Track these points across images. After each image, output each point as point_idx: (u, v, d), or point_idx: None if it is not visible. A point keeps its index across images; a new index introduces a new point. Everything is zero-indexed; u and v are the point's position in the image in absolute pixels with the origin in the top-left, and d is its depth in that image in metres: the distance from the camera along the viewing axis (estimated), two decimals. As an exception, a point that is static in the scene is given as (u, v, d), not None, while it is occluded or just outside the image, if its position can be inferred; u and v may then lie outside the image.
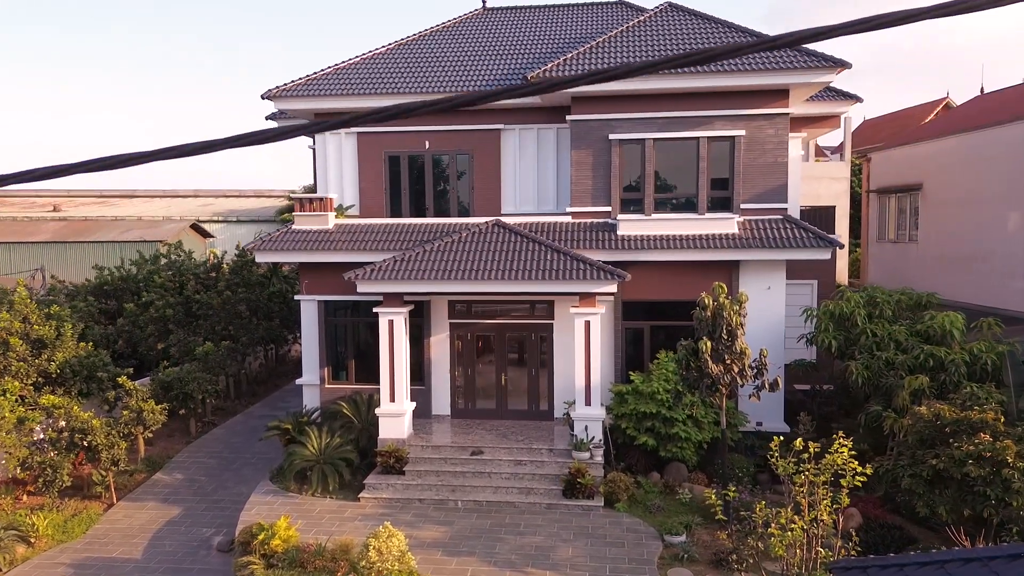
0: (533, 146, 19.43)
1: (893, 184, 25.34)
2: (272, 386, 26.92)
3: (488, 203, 19.51)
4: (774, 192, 17.88)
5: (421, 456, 16.92)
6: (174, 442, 20.87)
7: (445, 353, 19.16)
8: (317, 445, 17.00)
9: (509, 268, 16.49)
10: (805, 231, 17.28)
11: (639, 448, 16.81)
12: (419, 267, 16.79)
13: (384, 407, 17.25)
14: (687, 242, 17.40)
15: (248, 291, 24.70)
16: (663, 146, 18.09)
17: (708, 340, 13.32)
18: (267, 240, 18.71)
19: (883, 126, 40.05)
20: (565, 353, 18.46)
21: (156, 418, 17.54)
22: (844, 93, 21.20)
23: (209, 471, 18.80)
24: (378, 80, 19.48)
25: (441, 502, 15.85)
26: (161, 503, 17.08)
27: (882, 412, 14.40)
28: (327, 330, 19.50)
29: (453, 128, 19.49)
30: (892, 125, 38.29)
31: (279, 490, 16.86)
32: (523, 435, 17.70)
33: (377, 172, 19.91)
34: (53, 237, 40.39)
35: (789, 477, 10.09)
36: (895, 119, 39.48)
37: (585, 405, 16.72)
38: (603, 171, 18.34)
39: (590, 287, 16.31)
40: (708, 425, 16.57)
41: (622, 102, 18.03)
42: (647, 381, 16.72)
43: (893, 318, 16.12)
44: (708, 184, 18.00)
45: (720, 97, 17.72)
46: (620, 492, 15.51)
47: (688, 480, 16.48)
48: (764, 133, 17.75)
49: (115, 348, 24.65)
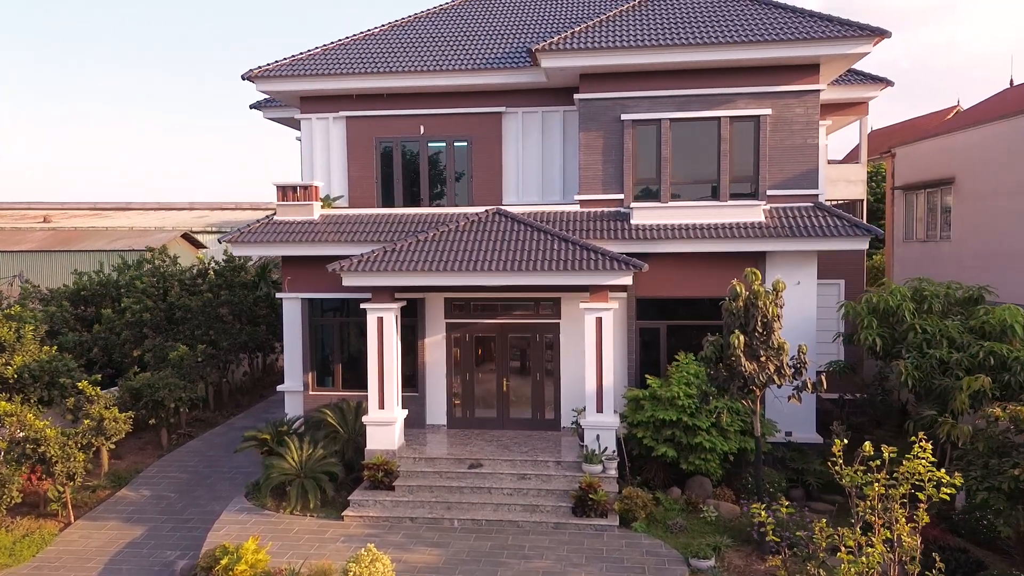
0: (537, 131, 17.82)
1: (921, 180, 23.70)
2: (257, 396, 25.14)
3: (488, 193, 17.87)
4: (803, 177, 16.23)
5: (413, 469, 15.15)
6: (146, 455, 19.10)
7: (441, 357, 17.43)
8: (297, 457, 15.25)
9: (512, 258, 14.81)
10: (839, 219, 15.61)
11: (657, 460, 15.04)
12: (412, 258, 15.11)
13: (372, 415, 15.49)
14: (708, 231, 15.72)
15: (231, 293, 22.98)
16: (681, 127, 16.46)
17: (741, 334, 11.59)
18: (245, 232, 17.05)
19: (892, 135, 38.54)
20: (573, 356, 16.74)
21: (119, 428, 15.78)
22: (871, 76, 19.65)
23: (180, 487, 17.01)
24: (371, 60, 17.91)
25: (435, 521, 14.07)
26: (124, 522, 15.30)
27: (937, 417, 12.63)
28: (312, 331, 17.78)
29: (450, 111, 17.91)
30: (901, 134, 36.76)
31: (254, 507, 15.07)
32: (527, 446, 15.94)
33: (368, 160, 18.29)
34: (39, 246, 39.01)
35: (857, 489, 8.33)
36: (904, 128, 37.96)
37: (596, 412, 14.96)
38: (615, 155, 16.70)
39: (602, 278, 14.60)
40: (734, 434, 14.80)
41: (635, 79, 16.44)
42: (666, 385, 14.99)
43: (943, 313, 14.40)
44: (731, 168, 16.36)
45: (743, 72, 16.12)
46: (637, 509, 13.73)
47: (713, 496, 14.70)
48: (792, 112, 16.13)
49: (90, 356, 23.03)
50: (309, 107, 18.49)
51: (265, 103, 20.96)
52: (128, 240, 38.69)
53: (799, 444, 16.03)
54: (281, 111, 20.65)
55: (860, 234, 15.26)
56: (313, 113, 18.47)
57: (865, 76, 19.71)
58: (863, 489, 8.29)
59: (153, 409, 18.22)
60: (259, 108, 21.11)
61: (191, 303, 22.02)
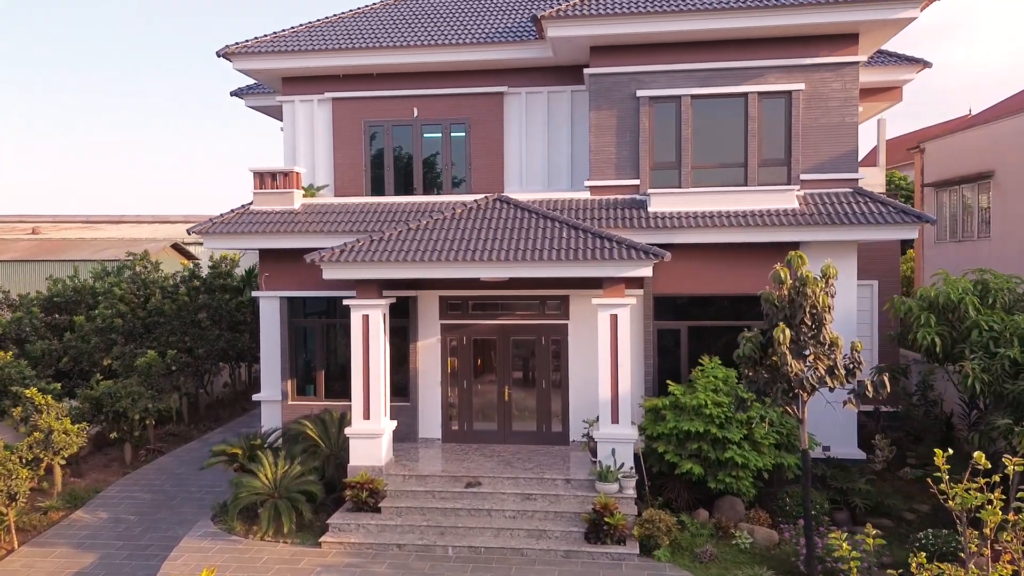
0: (542, 113, 16.13)
1: (955, 175, 22.00)
2: (239, 410, 23.26)
3: (488, 181, 16.15)
4: (841, 159, 14.51)
5: (403, 489, 13.29)
6: (110, 473, 17.23)
7: (435, 363, 15.63)
8: (271, 475, 13.41)
9: (515, 248, 13.04)
10: (884, 205, 13.86)
11: (680, 478, 13.20)
12: (402, 247, 13.35)
13: (356, 426, 13.67)
14: (735, 219, 13.96)
15: (210, 296, 21.20)
16: (703, 104, 14.77)
17: (786, 327, 9.79)
18: (217, 222, 15.31)
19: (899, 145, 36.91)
20: (583, 361, 14.95)
21: (70, 441, 13.96)
22: (907, 57, 17.96)
23: (142, 508, 15.14)
24: (359, 35, 16.27)
25: (427, 548, 12.20)
26: (74, 548, 13.42)
27: (1013, 427, 10.78)
28: (292, 334, 16.00)
29: (447, 92, 16.24)
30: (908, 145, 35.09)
31: (220, 532, 13.20)
32: (532, 462, 14.09)
33: (356, 146, 16.60)
34: (23, 256, 37.39)
35: (970, 513, 6.48)
36: (911, 139, 36.31)
37: (611, 423, 13.13)
38: (630, 136, 14.99)
39: (619, 269, 12.82)
40: (768, 448, 12.98)
41: (653, 51, 14.77)
42: (690, 392, 13.18)
43: (1008, 308, 12.60)
44: (759, 150, 14.64)
45: (774, 43, 14.44)
46: (660, 535, 11.87)
47: (746, 519, 12.83)
48: (828, 87, 14.43)
49: (59, 366, 21.28)
50: (292, 88, 16.83)
51: (247, 90, 19.33)
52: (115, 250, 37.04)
53: (839, 460, 14.19)
54: (265, 98, 18.99)
55: (908, 221, 13.51)
56: (296, 95, 16.81)
57: (899, 57, 18.02)
58: (979, 513, 6.44)
59: (114, 421, 16.38)
60: (240, 95, 19.47)
61: (164, 306, 20.25)
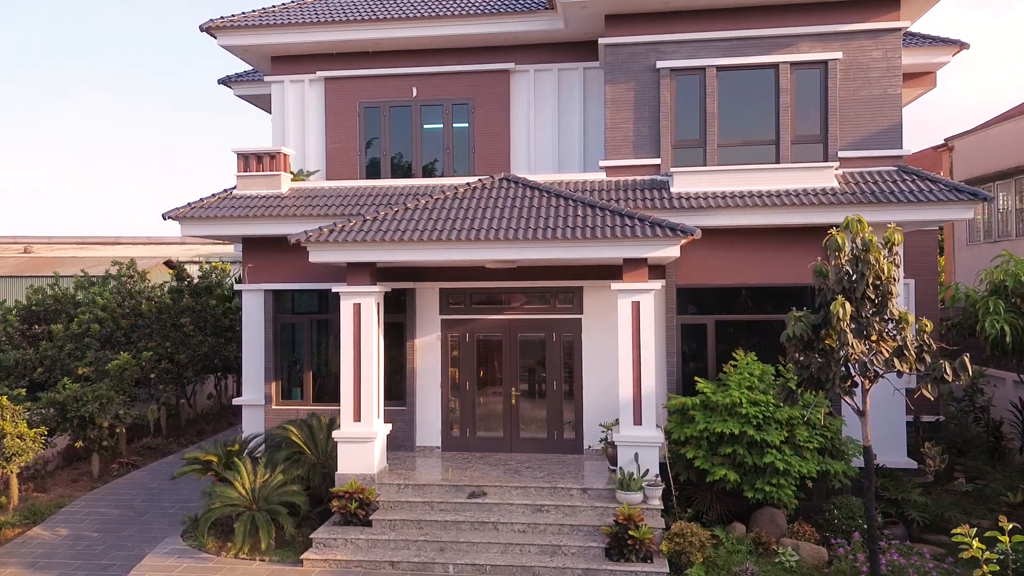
0: (552, 91, 14.85)
1: (989, 172, 20.75)
2: (225, 424, 21.68)
3: (493, 163, 14.82)
4: (884, 134, 13.17)
5: (397, 500, 11.75)
6: (78, 488, 15.65)
7: (435, 362, 14.16)
8: (249, 484, 11.89)
9: (525, 226, 11.63)
10: (933, 182, 12.50)
11: (711, 487, 11.69)
12: (399, 227, 11.93)
13: (346, 429, 12.15)
14: (767, 199, 12.57)
15: (194, 299, 19.76)
16: (730, 76, 13.46)
17: (846, 301, 8.34)
18: (196, 207, 13.94)
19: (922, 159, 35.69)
20: (599, 359, 13.49)
21: (25, 446, 12.47)
22: (941, 38, 16.70)
23: (107, 524, 13.55)
24: (354, 8, 15.05)
25: (424, 566, 10.63)
26: (25, 569, 11.84)
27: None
28: (278, 331, 14.55)
29: (449, 69, 14.98)
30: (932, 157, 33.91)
31: (189, 549, 11.64)
32: (542, 471, 12.56)
33: (350, 128, 15.30)
34: (11, 272, 36.14)
35: None
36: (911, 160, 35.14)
37: (634, 425, 11.62)
38: (649, 111, 13.67)
39: (641, 249, 11.39)
40: (811, 453, 11.46)
41: (674, 19, 13.51)
42: (722, 390, 11.70)
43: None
44: (792, 125, 13.31)
45: (807, 8, 13.19)
46: (692, 551, 10.31)
47: (789, 533, 11.27)
48: (868, 56, 13.15)
49: (33, 376, 19.82)
50: (281, 68, 15.59)
51: (236, 78, 18.07)
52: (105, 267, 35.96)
53: (888, 469, 12.66)
54: (254, 86, 17.74)
55: (963, 199, 12.12)
56: (286, 75, 15.55)
57: (934, 39, 16.77)
58: None
59: (80, 428, 14.84)
60: (228, 84, 18.22)
61: (143, 306, 18.81)
